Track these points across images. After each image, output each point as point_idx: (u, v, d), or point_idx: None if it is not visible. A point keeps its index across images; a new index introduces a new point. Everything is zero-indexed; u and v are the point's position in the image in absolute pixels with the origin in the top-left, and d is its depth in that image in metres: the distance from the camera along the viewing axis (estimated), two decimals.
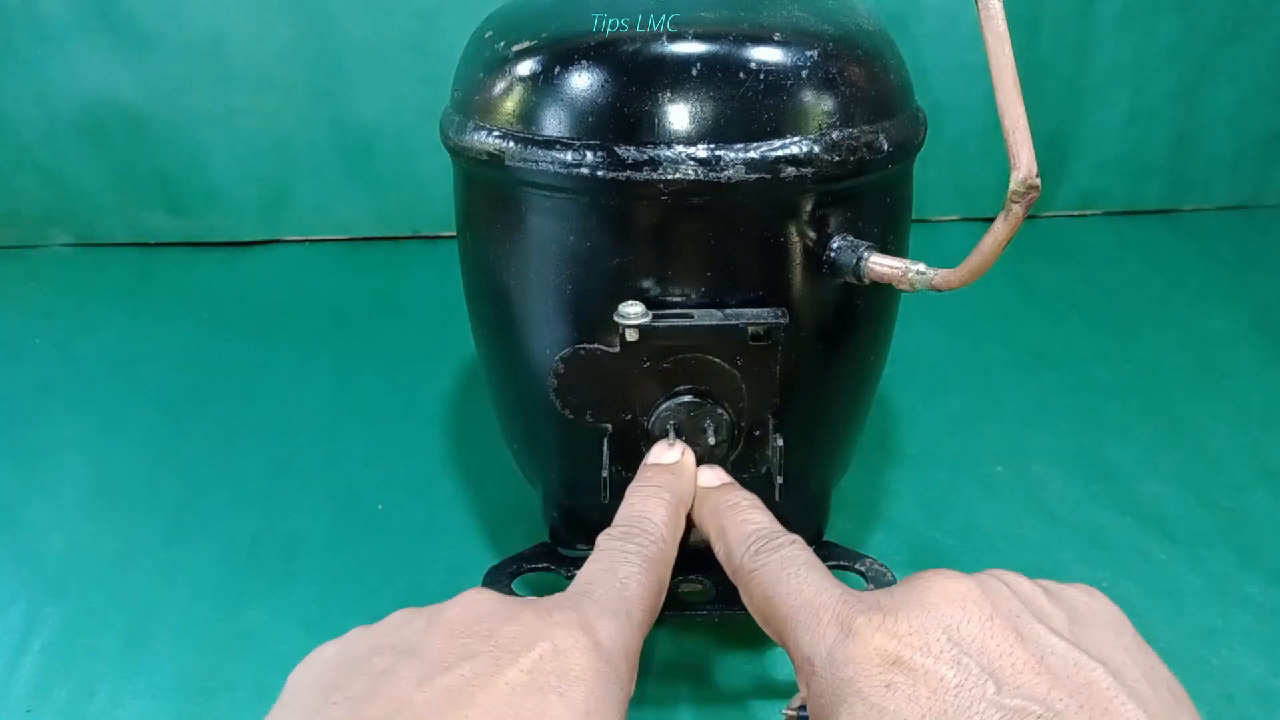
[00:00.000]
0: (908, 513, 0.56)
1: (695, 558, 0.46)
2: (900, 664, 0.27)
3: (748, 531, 0.34)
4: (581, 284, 0.38)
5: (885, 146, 0.38)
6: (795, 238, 0.37)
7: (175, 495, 0.58)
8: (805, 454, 0.42)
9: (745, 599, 0.34)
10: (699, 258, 0.37)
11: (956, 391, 0.68)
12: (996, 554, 0.52)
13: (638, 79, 0.36)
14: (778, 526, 0.35)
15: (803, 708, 0.32)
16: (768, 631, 0.33)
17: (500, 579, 0.44)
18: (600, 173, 0.36)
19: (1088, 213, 0.97)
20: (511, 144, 0.37)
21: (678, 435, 0.38)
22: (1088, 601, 0.29)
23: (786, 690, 0.44)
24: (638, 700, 0.44)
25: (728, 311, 0.37)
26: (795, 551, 0.33)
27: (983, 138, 0.91)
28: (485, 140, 0.38)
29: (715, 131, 0.35)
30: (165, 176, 0.89)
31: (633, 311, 0.36)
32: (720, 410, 0.38)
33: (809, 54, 0.36)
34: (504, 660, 0.27)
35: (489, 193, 0.41)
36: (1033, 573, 0.53)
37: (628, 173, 0.35)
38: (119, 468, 0.60)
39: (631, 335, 0.36)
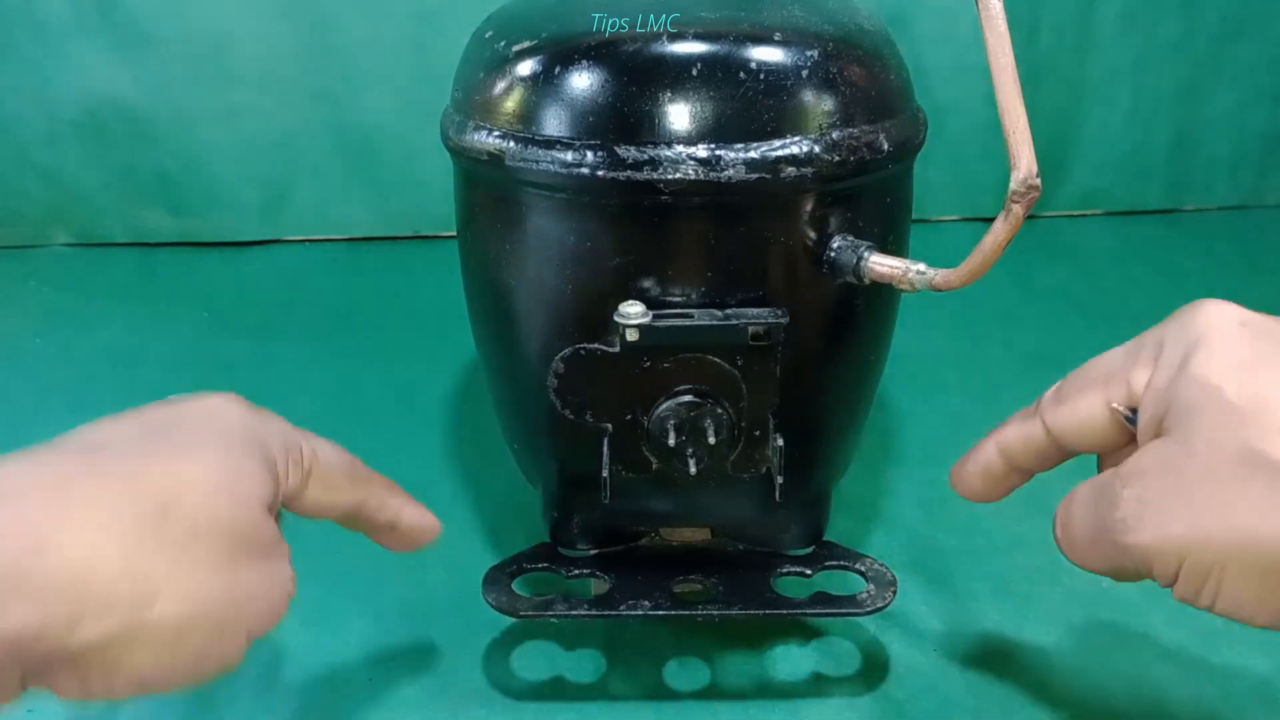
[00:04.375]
0: (908, 513, 0.56)
1: (695, 557, 0.46)
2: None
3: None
4: (581, 284, 0.38)
5: (885, 146, 0.38)
6: (795, 237, 0.37)
7: None
8: (805, 454, 0.42)
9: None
10: (699, 258, 0.37)
11: (956, 391, 0.68)
12: (996, 554, 0.52)
13: (638, 79, 0.36)
14: None
15: (1132, 410, 0.32)
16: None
17: (500, 579, 0.44)
18: (600, 173, 0.36)
19: (1088, 213, 0.97)
20: (512, 144, 0.37)
21: (678, 435, 0.38)
22: None
23: (786, 690, 0.44)
24: (637, 699, 0.44)
25: (728, 311, 0.37)
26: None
27: (983, 138, 0.91)
28: (485, 140, 0.38)
29: (715, 131, 0.35)
30: (165, 176, 0.89)
31: (633, 311, 0.36)
32: (720, 410, 0.38)
33: (809, 54, 0.36)
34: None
35: (489, 193, 0.41)
36: (1032, 572, 0.53)
37: (628, 173, 0.35)
38: None
39: (631, 335, 0.36)
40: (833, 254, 0.38)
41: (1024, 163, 0.31)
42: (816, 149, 0.36)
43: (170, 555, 0.28)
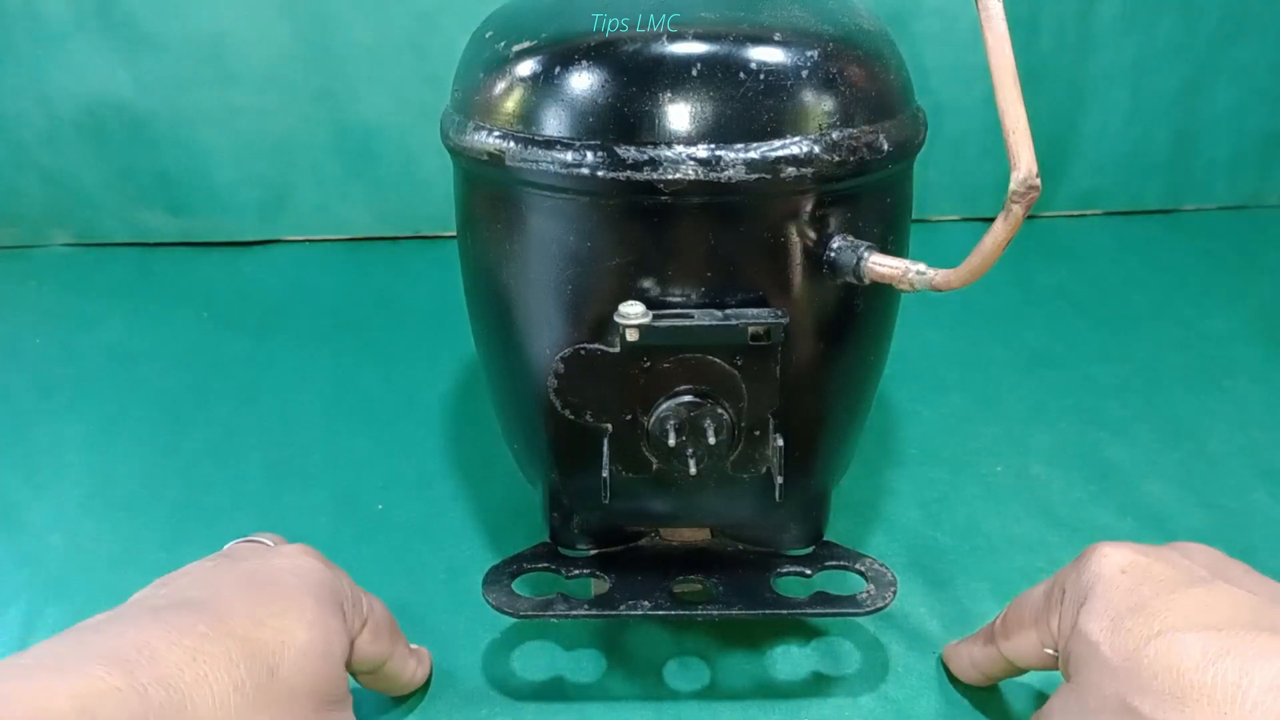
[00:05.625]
0: (908, 513, 0.56)
1: (695, 557, 0.46)
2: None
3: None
4: (581, 284, 0.38)
5: (885, 146, 0.38)
6: (795, 238, 0.37)
7: (175, 495, 0.58)
8: (805, 454, 0.42)
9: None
10: (699, 258, 0.37)
11: (956, 391, 0.68)
12: (996, 554, 0.52)
13: (638, 79, 0.36)
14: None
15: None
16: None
17: (500, 579, 0.44)
18: (600, 173, 0.36)
19: (1088, 213, 0.97)
20: (512, 144, 0.37)
21: (678, 435, 0.38)
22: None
23: (786, 690, 0.44)
24: (637, 699, 0.44)
25: (728, 311, 0.37)
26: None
27: (983, 138, 0.91)
28: (485, 140, 0.38)
29: (715, 131, 0.35)
30: (165, 176, 0.89)
31: (633, 311, 0.36)
32: (720, 410, 0.38)
33: (809, 54, 0.36)
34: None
35: (489, 193, 0.41)
36: (1032, 573, 0.53)
37: (628, 173, 0.35)
38: (119, 468, 0.60)
39: (631, 335, 0.36)
40: (833, 254, 0.38)
41: (1024, 163, 0.31)
42: (816, 149, 0.36)
43: (273, 715, 0.33)
